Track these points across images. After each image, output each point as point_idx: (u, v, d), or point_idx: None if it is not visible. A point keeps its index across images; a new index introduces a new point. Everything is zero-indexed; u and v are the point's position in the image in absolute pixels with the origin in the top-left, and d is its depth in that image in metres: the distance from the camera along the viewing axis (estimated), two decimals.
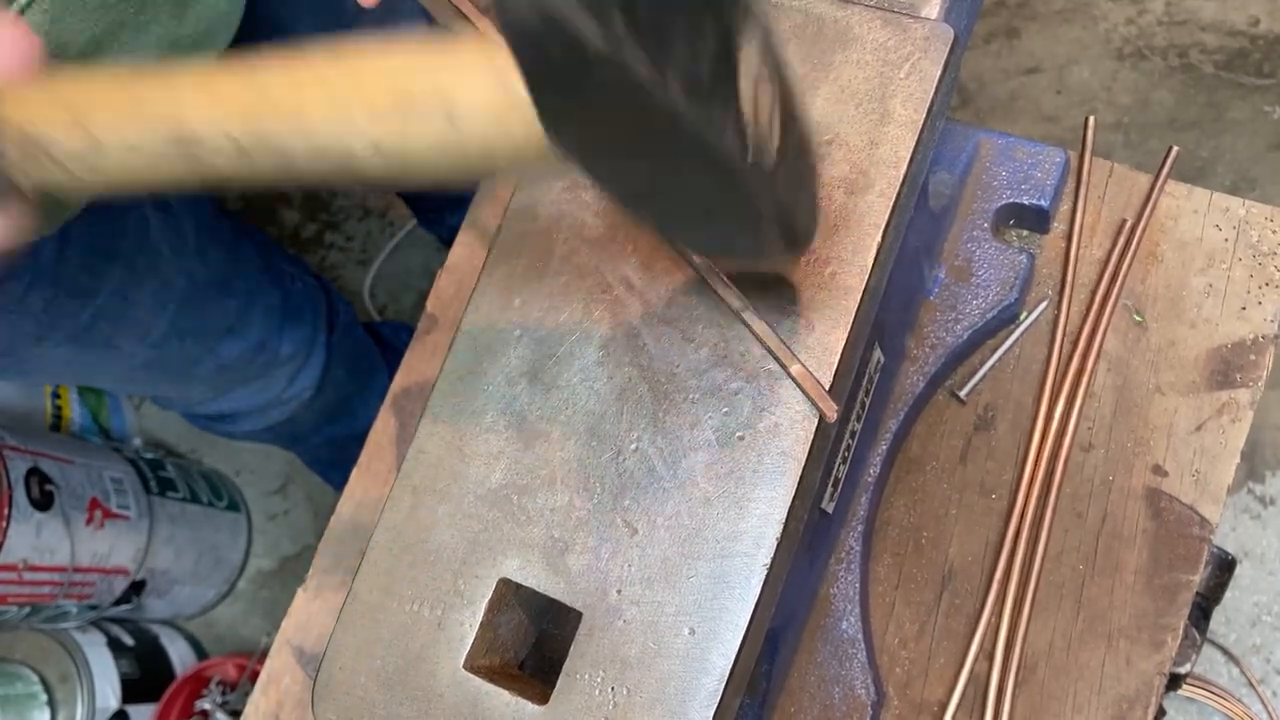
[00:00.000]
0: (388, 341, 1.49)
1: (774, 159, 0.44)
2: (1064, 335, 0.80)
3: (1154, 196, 0.81)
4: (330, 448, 1.41)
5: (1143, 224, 0.80)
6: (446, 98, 0.37)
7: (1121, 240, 0.80)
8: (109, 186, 0.41)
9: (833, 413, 0.54)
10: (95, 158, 0.39)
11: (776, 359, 0.55)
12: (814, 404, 0.55)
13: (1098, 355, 0.79)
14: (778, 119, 0.43)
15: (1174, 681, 0.79)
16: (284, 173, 0.39)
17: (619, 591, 0.56)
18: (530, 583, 0.57)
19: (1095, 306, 0.79)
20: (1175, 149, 0.82)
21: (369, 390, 1.35)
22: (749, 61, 0.41)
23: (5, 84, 0.41)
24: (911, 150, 0.58)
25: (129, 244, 0.91)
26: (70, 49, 0.63)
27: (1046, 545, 0.76)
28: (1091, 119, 0.83)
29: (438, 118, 0.37)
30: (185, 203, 1.00)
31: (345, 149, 0.37)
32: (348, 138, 0.37)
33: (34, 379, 1.51)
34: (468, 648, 0.57)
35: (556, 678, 0.55)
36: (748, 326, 0.56)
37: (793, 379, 0.55)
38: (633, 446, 0.57)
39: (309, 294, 1.23)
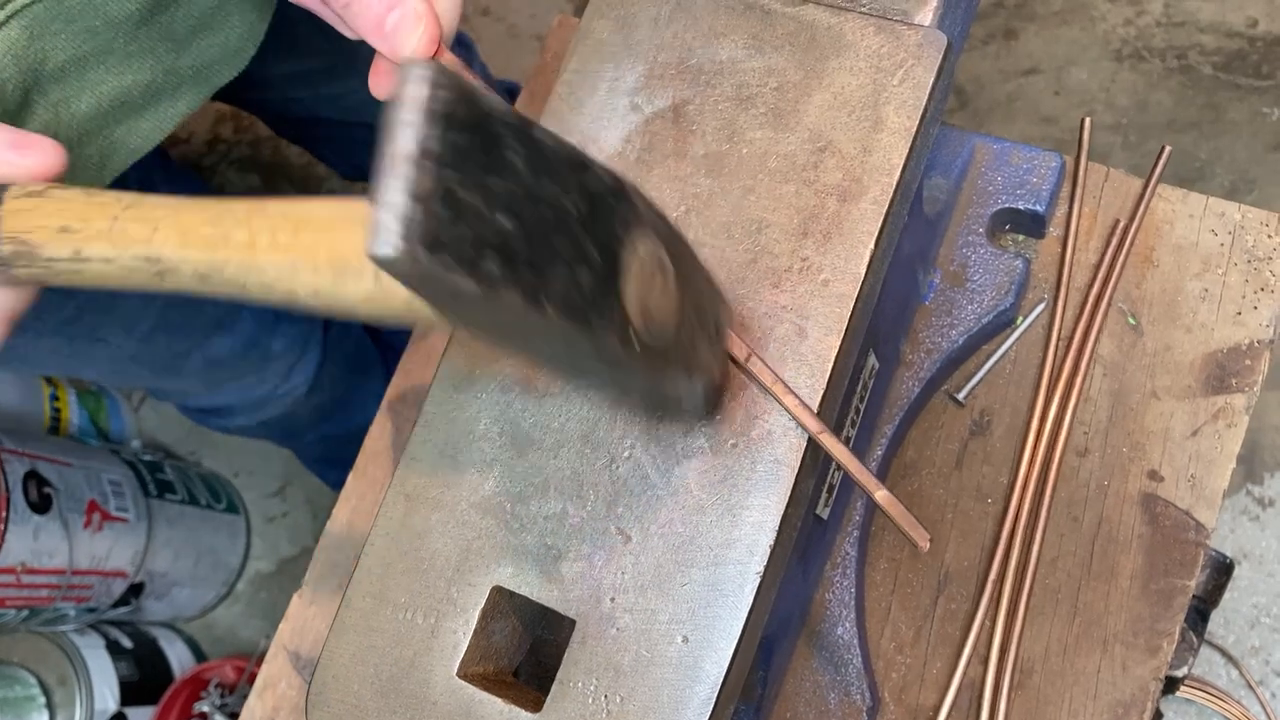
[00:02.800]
0: (386, 341, 1.49)
1: (668, 339, 0.48)
2: (1059, 340, 0.80)
3: (1147, 196, 0.80)
4: (326, 445, 1.41)
5: (1136, 224, 0.80)
6: None
7: (1115, 241, 0.80)
8: (82, 284, 0.49)
9: (925, 543, 0.54)
10: (76, 263, 0.47)
11: (861, 486, 0.55)
12: (905, 535, 0.54)
13: (1092, 360, 0.79)
14: (673, 303, 0.48)
15: (1171, 684, 0.79)
16: (237, 297, 0.47)
17: (612, 599, 0.56)
18: (524, 590, 0.57)
19: (1089, 310, 0.79)
20: (1168, 148, 0.81)
21: (365, 389, 1.34)
22: (636, 259, 0.46)
23: (19, 188, 0.49)
24: (905, 157, 0.58)
25: None
26: (47, 66, 0.63)
27: (1041, 550, 0.76)
28: (1088, 121, 0.83)
29: (367, 278, 0.43)
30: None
31: (290, 290, 0.45)
32: (292, 283, 0.44)
33: (18, 369, 1.50)
34: (461, 655, 0.57)
35: (550, 685, 0.55)
36: (827, 450, 0.55)
37: (879, 507, 0.54)
38: (626, 454, 0.57)
39: None
